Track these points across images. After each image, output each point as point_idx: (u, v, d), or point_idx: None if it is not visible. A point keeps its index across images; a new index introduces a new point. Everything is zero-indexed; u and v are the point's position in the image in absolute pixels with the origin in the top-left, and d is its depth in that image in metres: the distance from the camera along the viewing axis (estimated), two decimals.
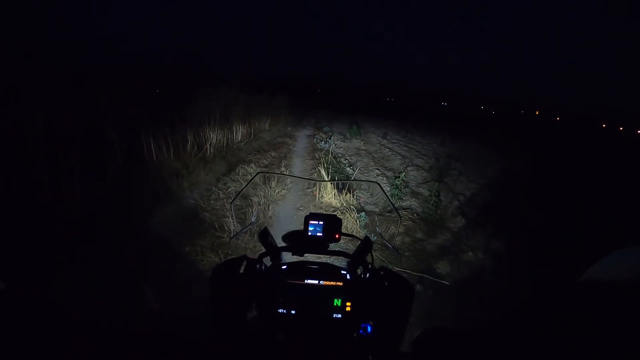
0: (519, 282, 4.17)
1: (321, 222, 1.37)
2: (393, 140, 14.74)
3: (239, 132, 11.37)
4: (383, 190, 1.54)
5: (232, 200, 1.56)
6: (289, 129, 16.78)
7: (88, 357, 0.64)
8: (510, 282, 4.18)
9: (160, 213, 5.25)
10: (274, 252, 1.38)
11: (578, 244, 4.72)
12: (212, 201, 5.97)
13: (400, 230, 5.67)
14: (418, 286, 4.08)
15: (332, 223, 1.38)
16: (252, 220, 1.73)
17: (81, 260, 3.69)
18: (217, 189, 6.55)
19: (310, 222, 1.37)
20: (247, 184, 1.76)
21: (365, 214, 5.83)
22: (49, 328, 0.67)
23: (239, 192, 1.63)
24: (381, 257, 4.55)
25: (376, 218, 5.93)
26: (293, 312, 1.20)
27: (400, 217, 1.53)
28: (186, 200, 6.00)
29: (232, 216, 4.88)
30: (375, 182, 1.76)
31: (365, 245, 1.40)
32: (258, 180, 6.65)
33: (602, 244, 4.52)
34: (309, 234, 1.37)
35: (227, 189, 6.64)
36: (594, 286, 0.74)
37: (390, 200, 1.57)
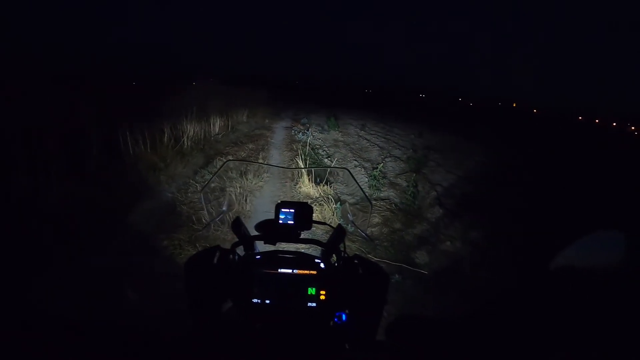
0: (496, 270, 4.25)
1: (292, 210, 1.37)
2: (371, 132, 14.74)
3: (217, 125, 11.27)
4: (354, 178, 1.55)
5: (202, 190, 1.56)
6: (267, 121, 16.64)
7: (66, 354, 0.64)
8: (488, 270, 4.26)
9: (137, 207, 5.17)
10: (247, 241, 1.38)
11: (555, 233, 4.82)
12: (189, 194, 5.91)
13: (379, 220, 5.72)
14: (397, 276, 4.12)
15: (303, 211, 1.37)
16: (223, 209, 1.71)
17: (58, 257, 3.62)
18: (194, 182, 6.46)
19: (281, 210, 1.37)
20: (216, 173, 1.75)
21: (341, 204, 5.86)
22: (25, 326, 0.67)
23: (208, 182, 1.63)
24: (357, 247, 4.60)
25: (349, 207, 5.97)
26: (267, 301, 1.19)
27: (372, 204, 1.55)
28: (164, 194, 5.92)
29: (204, 207, 4.85)
30: (346, 169, 1.79)
31: (339, 233, 1.40)
32: (234, 173, 6.63)
33: (579, 232, 4.66)
34: (280, 222, 1.36)
35: (205, 182, 6.55)
36: (564, 273, 0.77)
37: (360, 188, 1.59)
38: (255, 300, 1.19)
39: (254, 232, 1.41)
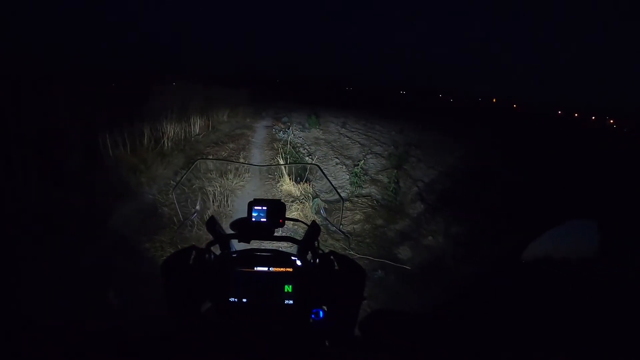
0: (478, 264, 4.32)
1: (264, 208, 1.37)
2: (352, 129, 14.75)
3: (197, 125, 11.16)
4: (324, 174, 1.56)
5: (173, 190, 1.55)
6: (248, 120, 16.54)
7: (48, 357, 0.65)
8: (470, 264, 4.33)
9: (118, 210, 5.11)
10: (222, 240, 1.38)
11: (534, 225, 4.90)
12: (170, 195, 5.81)
13: (360, 217, 5.77)
14: (380, 272, 4.17)
15: (275, 208, 1.38)
16: (197, 209, 1.70)
17: (38, 261, 3.54)
18: (175, 183, 6.36)
19: (254, 207, 1.37)
20: (186, 173, 1.72)
21: (320, 201, 5.90)
22: (6, 330, 0.67)
23: (178, 182, 1.63)
24: (341, 245, 4.64)
25: (322, 203, 5.98)
26: (244, 300, 1.20)
27: (343, 199, 1.56)
28: (145, 196, 5.85)
29: (177, 207, 4.87)
30: (316, 165, 1.81)
31: (313, 230, 1.40)
32: (214, 173, 6.63)
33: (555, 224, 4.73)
34: (253, 219, 1.37)
35: (188, 183, 6.52)
36: (539, 263, 0.80)
37: (331, 183, 1.62)
38: (232, 299, 1.20)
39: (229, 231, 1.40)
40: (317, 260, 1.29)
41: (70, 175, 5.38)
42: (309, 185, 6.70)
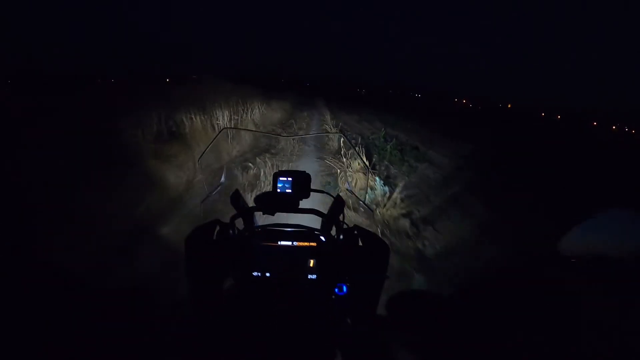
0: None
1: (290, 178, 1.34)
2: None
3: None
4: (349, 142, 1.49)
5: (199, 159, 1.51)
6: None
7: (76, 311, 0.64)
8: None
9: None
10: (246, 213, 1.36)
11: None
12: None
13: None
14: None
15: (301, 179, 1.35)
16: (222, 181, 1.65)
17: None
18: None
19: (279, 178, 1.35)
20: (213, 140, 1.64)
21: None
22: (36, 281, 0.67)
23: (205, 150, 1.58)
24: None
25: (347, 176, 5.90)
26: (268, 274, 1.20)
27: (369, 170, 1.50)
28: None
29: (203, 180, 4.87)
30: (340, 134, 1.74)
31: (338, 204, 1.38)
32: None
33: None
34: (278, 190, 1.34)
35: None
36: (567, 257, 0.74)
37: (357, 152, 1.55)
38: (255, 273, 1.20)
39: (253, 205, 1.36)
40: (341, 235, 1.25)
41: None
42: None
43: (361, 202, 1.54)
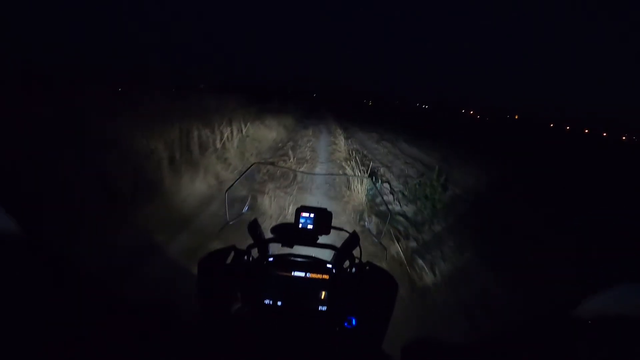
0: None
1: (312, 215, 1.38)
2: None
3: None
4: (375, 186, 1.53)
5: (227, 189, 1.54)
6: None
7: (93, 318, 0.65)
8: None
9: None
10: (262, 243, 1.38)
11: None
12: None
13: None
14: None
15: (323, 216, 1.39)
16: (245, 210, 1.67)
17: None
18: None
19: (301, 214, 1.38)
20: (243, 174, 1.68)
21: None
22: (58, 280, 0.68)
23: (235, 181, 1.61)
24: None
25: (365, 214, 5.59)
26: (279, 303, 1.21)
27: (390, 212, 1.51)
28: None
29: (226, 209, 4.90)
30: (369, 179, 1.76)
31: (353, 239, 1.40)
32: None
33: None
34: (300, 226, 1.38)
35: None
36: (594, 321, 0.68)
37: (382, 197, 1.58)
38: (267, 301, 1.21)
39: (269, 235, 1.41)
40: (354, 269, 1.29)
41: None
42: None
43: (376, 241, 1.56)
